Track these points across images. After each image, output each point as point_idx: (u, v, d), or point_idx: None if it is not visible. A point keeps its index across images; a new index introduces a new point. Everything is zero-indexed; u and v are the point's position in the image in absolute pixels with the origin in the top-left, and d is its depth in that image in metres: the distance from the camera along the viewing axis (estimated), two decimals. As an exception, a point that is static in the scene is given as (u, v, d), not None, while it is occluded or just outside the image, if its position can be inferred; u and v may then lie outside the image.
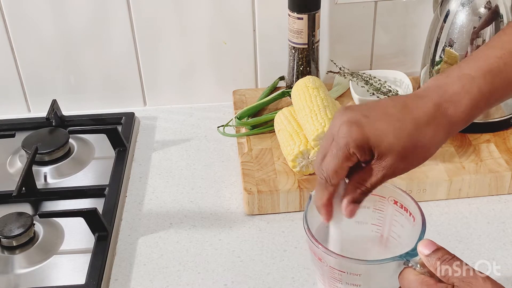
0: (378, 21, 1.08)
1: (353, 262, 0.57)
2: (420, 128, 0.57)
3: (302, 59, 1.03)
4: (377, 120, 0.57)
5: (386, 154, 0.57)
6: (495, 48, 0.60)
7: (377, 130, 0.56)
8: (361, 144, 0.56)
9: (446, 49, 0.94)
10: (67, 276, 0.79)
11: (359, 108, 0.59)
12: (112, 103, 1.12)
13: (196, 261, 0.80)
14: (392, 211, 0.65)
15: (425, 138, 0.57)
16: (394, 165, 0.57)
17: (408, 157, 0.57)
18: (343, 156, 0.57)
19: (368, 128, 0.56)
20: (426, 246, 0.53)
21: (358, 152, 0.56)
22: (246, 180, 0.88)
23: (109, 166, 0.96)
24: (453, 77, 0.59)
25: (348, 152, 0.56)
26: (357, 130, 0.56)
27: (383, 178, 0.58)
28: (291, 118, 0.93)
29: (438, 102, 0.58)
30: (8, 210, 0.86)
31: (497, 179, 0.87)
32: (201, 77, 1.11)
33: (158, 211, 0.89)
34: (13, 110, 1.11)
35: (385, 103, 0.59)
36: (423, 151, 0.58)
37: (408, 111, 0.58)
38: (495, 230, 0.82)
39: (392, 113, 0.58)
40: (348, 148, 0.56)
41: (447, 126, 0.58)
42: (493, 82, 0.58)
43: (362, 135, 0.56)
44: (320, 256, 0.59)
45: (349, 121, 0.57)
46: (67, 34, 1.05)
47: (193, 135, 1.04)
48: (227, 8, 1.04)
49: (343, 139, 0.56)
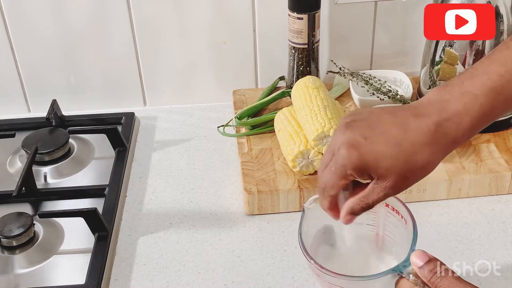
0: (378, 21, 1.08)
1: (350, 280, 0.59)
2: (419, 151, 0.57)
3: (302, 59, 1.03)
4: (376, 142, 0.58)
5: (384, 177, 0.58)
6: (497, 64, 0.59)
7: (375, 153, 0.57)
8: (358, 167, 0.58)
9: (446, 49, 0.94)
10: (67, 276, 0.79)
11: (359, 126, 0.59)
12: (112, 103, 1.12)
13: (196, 261, 0.80)
14: (385, 213, 0.66)
15: (424, 160, 0.58)
16: (395, 186, 0.58)
17: (408, 178, 0.58)
18: (340, 175, 0.59)
19: (367, 151, 0.57)
20: (419, 257, 0.55)
21: (355, 174, 0.58)
22: (246, 180, 0.88)
23: (109, 166, 0.96)
24: (455, 94, 0.58)
25: (346, 173, 0.58)
26: (355, 154, 0.57)
27: (385, 196, 0.59)
28: (291, 118, 0.93)
29: (438, 121, 0.57)
30: (8, 210, 0.86)
31: (497, 179, 0.87)
32: (201, 77, 1.11)
33: (158, 211, 0.89)
34: (13, 110, 1.11)
35: (386, 121, 0.59)
36: (421, 171, 0.59)
37: (408, 133, 0.58)
38: (495, 230, 0.82)
39: (392, 135, 0.58)
40: (345, 169, 0.58)
41: (446, 146, 0.58)
42: (494, 100, 0.58)
43: (360, 159, 0.57)
44: (317, 273, 0.61)
45: (348, 142, 0.58)
46: (67, 34, 1.05)
47: (193, 135, 1.04)
48: (227, 8, 1.04)
49: (341, 161, 0.58)
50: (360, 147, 0.57)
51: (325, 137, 0.85)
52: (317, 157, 0.86)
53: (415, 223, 0.61)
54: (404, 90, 1.03)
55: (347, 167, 0.58)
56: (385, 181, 0.58)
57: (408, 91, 1.01)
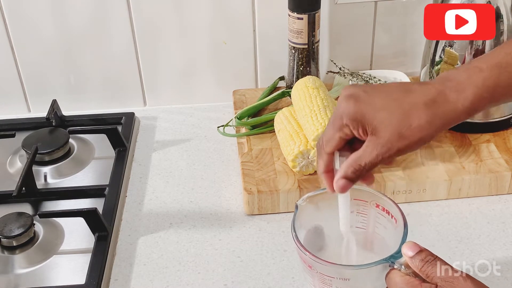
0: (378, 21, 1.08)
1: (341, 268, 0.59)
2: (417, 109, 0.58)
3: (302, 59, 1.03)
4: (375, 96, 0.59)
5: (379, 131, 0.58)
6: (506, 46, 0.61)
7: (373, 104, 0.58)
8: (354, 116, 0.58)
9: (446, 49, 0.94)
10: (67, 276, 0.79)
11: (362, 85, 0.62)
12: (112, 103, 1.12)
13: (196, 261, 0.80)
14: (375, 214, 0.66)
15: (420, 120, 0.57)
16: (388, 143, 0.58)
17: (402, 137, 0.58)
18: (337, 126, 0.60)
19: (364, 101, 0.59)
20: (410, 248, 0.55)
21: (351, 124, 0.59)
22: (246, 180, 0.88)
23: (109, 166, 0.96)
24: (460, 69, 0.60)
25: (342, 123, 0.59)
26: (353, 103, 0.59)
27: (377, 157, 0.58)
28: (291, 118, 0.93)
29: (441, 89, 0.58)
30: (8, 210, 0.86)
31: (497, 179, 0.87)
32: (201, 77, 1.11)
33: (158, 211, 0.89)
34: (13, 110, 1.11)
35: (389, 85, 0.62)
36: (417, 133, 0.58)
37: (409, 93, 0.59)
38: (495, 230, 0.82)
39: (392, 92, 0.59)
40: (342, 118, 0.59)
41: (446, 113, 0.58)
42: (499, 76, 0.59)
43: (356, 108, 0.58)
44: (309, 264, 0.61)
45: (348, 94, 0.60)
46: (67, 34, 1.05)
47: (193, 135, 1.04)
48: (227, 8, 1.04)
49: (339, 110, 0.60)
50: (359, 98, 0.59)
51: (325, 137, 0.84)
52: (317, 157, 0.86)
53: (405, 219, 0.62)
54: (404, 90, 1.03)
55: (343, 116, 0.59)
56: (379, 137, 0.58)
57: (408, 91, 1.01)
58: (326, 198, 0.66)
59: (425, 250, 0.55)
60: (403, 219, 0.62)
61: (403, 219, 0.62)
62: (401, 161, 0.89)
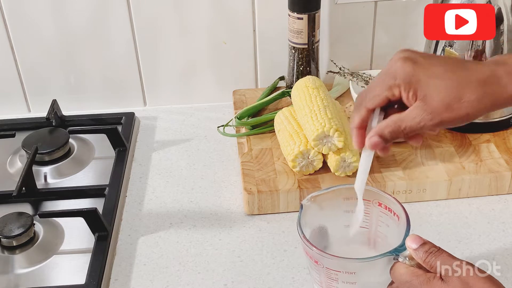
0: (378, 21, 1.08)
1: (348, 261, 0.60)
2: (469, 85, 0.58)
3: (302, 59, 1.03)
4: (433, 64, 0.59)
5: (429, 97, 0.58)
6: None
7: (429, 71, 0.58)
8: (409, 78, 0.58)
9: (446, 49, 0.94)
10: (67, 276, 0.79)
11: (419, 52, 0.61)
12: (112, 103, 1.12)
13: (196, 261, 0.80)
14: (378, 213, 0.67)
15: (472, 96, 0.58)
16: (434, 112, 0.58)
17: (450, 109, 0.58)
18: (387, 84, 0.59)
19: (422, 66, 0.59)
20: (414, 240, 0.57)
21: (403, 85, 0.58)
22: (246, 180, 0.88)
23: (109, 166, 0.96)
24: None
25: (394, 82, 0.59)
26: (411, 65, 0.59)
27: (419, 123, 0.58)
28: (291, 118, 0.93)
29: (494, 71, 0.59)
30: (8, 210, 0.86)
31: (497, 179, 0.87)
32: (201, 77, 1.11)
33: (158, 211, 0.89)
34: (13, 110, 1.11)
35: (446, 57, 0.62)
36: (465, 108, 0.58)
37: (464, 69, 0.59)
38: (495, 230, 0.82)
39: (449, 64, 0.60)
40: (395, 78, 0.59)
41: (495, 94, 0.59)
42: None
43: (413, 70, 0.58)
44: (316, 259, 0.61)
45: (406, 57, 0.59)
46: (67, 34, 1.05)
47: (193, 135, 1.04)
48: (227, 8, 1.04)
49: (394, 69, 0.59)
50: (417, 62, 0.59)
51: (325, 137, 0.84)
52: (317, 157, 0.86)
53: (408, 215, 0.63)
54: (404, 90, 1.03)
55: (397, 76, 0.59)
56: (427, 103, 0.58)
57: (408, 91, 1.01)
58: (329, 198, 0.67)
59: (428, 242, 0.57)
60: (406, 215, 0.63)
61: (406, 214, 0.63)
62: (401, 161, 0.89)
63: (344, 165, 0.86)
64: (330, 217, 0.68)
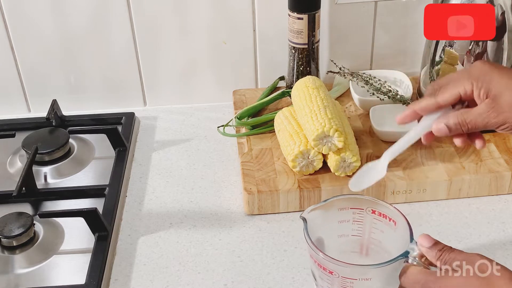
0: (378, 21, 1.08)
1: (366, 268, 0.62)
2: None
3: (302, 59, 1.03)
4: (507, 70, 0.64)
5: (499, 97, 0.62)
6: None
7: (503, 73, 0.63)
8: (483, 76, 0.63)
9: (446, 49, 0.94)
10: (67, 276, 0.79)
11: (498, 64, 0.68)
12: (112, 103, 1.12)
13: (196, 261, 0.80)
14: (371, 220, 0.68)
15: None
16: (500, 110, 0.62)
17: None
18: (461, 81, 0.64)
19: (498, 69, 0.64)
20: (426, 239, 0.60)
21: (476, 82, 0.63)
22: (246, 180, 0.88)
23: (109, 166, 0.96)
24: None
25: (469, 78, 0.63)
26: (488, 66, 0.64)
27: (484, 120, 0.63)
28: (291, 118, 0.93)
29: None
30: (8, 210, 0.86)
31: (497, 179, 0.87)
32: (201, 77, 1.11)
33: (158, 211, 0.89)
34: (13, 110, 1.11)
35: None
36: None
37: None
38: (495, 230, 0.82)
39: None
40: (470, 76, 0.64)
41: None
42: None
43: (490, 70, 0.64)
44: (331, 269, 0.62)
45: (485, 60, 0.67)
46: (67, 34, 1.05)
47: (193, 135, 1.04)
48: (227, 8, 1.04)
49: (471, 67, 0.65)
50: (494, 64, 0.65)
51: (325, 137, 0.84)
52: (317, 157, 0.86)
53: (406, 218, 0.64)
54: (404, 90, 1.03)
55: (473, 72, 0.64)
56: (496, 102, 0.62)
57: (408, 91, 1.01)
58: (326, 209, 0.68)
59: (439, 242, 0.60)
60: (405, 219, 0.64)
61: (405, 218, 0.64)
62: (401, 161, 0.89)
63: (344, 165, 0.86)
64: (326, 228, 0.68)
